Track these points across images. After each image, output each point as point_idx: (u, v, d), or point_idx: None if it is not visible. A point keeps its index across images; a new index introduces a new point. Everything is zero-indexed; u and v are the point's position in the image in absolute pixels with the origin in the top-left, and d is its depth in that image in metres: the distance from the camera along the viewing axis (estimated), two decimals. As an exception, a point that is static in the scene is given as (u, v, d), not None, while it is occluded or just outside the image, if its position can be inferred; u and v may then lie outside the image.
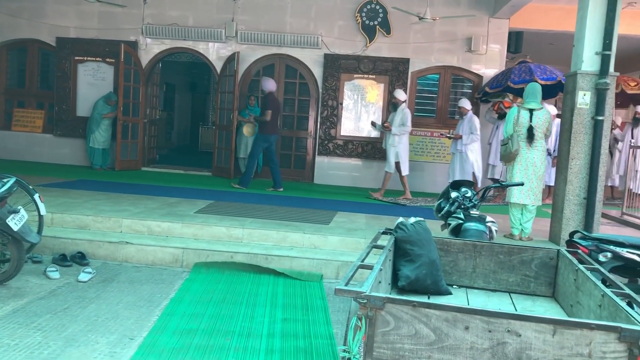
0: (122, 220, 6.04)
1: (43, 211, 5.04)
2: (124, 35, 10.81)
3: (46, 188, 7.41)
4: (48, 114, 11.36)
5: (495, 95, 9.67)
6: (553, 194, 6.51)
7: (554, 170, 8.65)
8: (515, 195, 6.16)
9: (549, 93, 9.26)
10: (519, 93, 9.12)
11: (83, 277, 4.87)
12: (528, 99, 6.16)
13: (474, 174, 8.89)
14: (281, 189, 9.09)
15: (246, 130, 9.51)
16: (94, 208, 6.42)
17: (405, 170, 8.97)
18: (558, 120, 7.76)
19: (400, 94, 8.92)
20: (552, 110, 8.89)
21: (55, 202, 6.52)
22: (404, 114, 8.76)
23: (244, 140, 10.51)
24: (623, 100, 10.47)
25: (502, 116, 9.44)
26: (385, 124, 9.04)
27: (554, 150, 8.36)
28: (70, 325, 3.85)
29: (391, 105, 9.31)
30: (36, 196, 4.96)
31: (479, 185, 8.84)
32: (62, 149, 11.19)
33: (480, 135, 8.94)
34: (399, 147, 8.84)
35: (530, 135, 6.04)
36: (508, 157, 6.10)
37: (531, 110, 6.08)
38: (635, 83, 9.43)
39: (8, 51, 11.46)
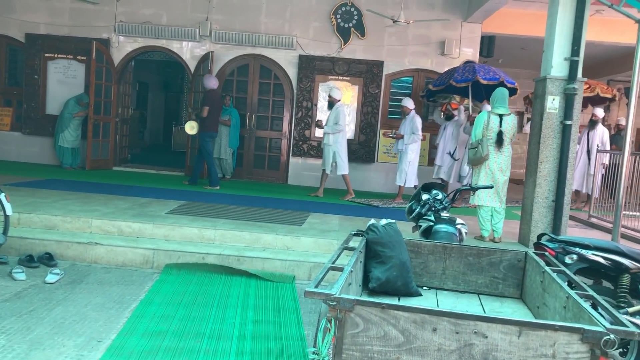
0: (91, 221, 5.94)
1: (9, 211, 4.94)
2: (96, 33, 10.65)
3: (13, 187, 7.26)
4: (16, 111, 11.11)
5: (442, 97, 9.78)
6: (523, 196, 6.61)
7: None
8: (483, 198, 6.26)
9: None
10: (462, 93, 9.24)
11: (50, 278, 4.78)
12: (497, 104, 6.24)
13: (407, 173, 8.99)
14: (194, 185, 9.19)
15: (189, 127, 9.36)
16: (63, 208, 6.30)
17: (343, 170, 8.99)
18: None
19: (336, 93, 8.96)
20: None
21: (22, 201, 6.39)
22: (338, 112, 8.79)
23: (218, 140, 10.43)
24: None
25: (449, 117, 9.53)
26: (318, 122, 9.14)
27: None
28: (36, 327, 3.78)
29: (327, 104, 9.37)
30: (2, 195, 4.86)
31: (410, 184, 8.97)
32: (30, 147, 10.96)
33: (421, 135, 9.00)
34: (335, 147, 8.86)
35: (500, 140, 6.14)
36: (477, 161, 6.18)
37: (500, 116, 6.18)
38: (587, 86, 9.55)
39: (-25, 47, 11.19)
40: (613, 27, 10.38)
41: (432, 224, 4.00)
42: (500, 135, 6.12)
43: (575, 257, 3.64)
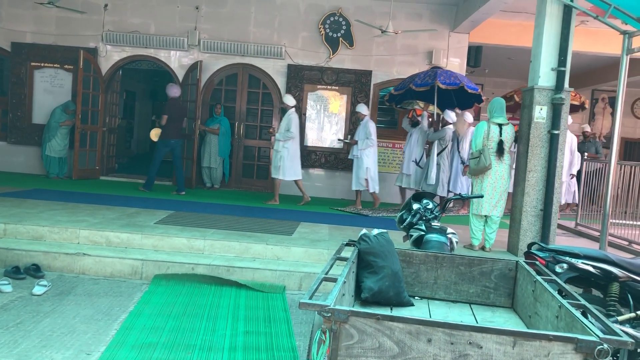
0: (79, 231, 5.88)
1: (-5, 222, 4.88)
2: (83, 42, 10.60)
3: (-1, 197, 7.18)
4: (2, 120, 11.01)
5: (407, 103, 9.78)
6: (511, 205, 6.66)
7: (464, 178, 8.96)
8: (485, 207, 6.29)
9: (465, 103, 9.50)
10: (426, 97, 9.25)
11: (37, 290, 4.71)
12: (496, 113, 6.30)
13: (367, 180, 9.05)
14: (183, 193, 9.29)
15: (153, 134, 9.56)
16: (50, 218, 6.23)
17: (289, 175, 8.99)
18: (472, 129, 8.26)
19: (289, 100, 9.02)
20: (469, 118, 9.13)
21: (8, 212, 6.31)
22: (290, 119, 8.83)
23: (208, 149, 10.41)
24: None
25: (415, 124, 9.47)
26: (270, 129, 9.32)
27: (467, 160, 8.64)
28: (23, 341, 3.72)
29: (280, 110, 9.50)
30: (-12, 206, 4.79)
31: (372, 189, 9.03)
32: (16, 157, 10.84)
33: (375, 140, 9.02)
34: (283, 152, 8.86)
35: (500, 150, 6.21)
36: (480, 170, 6.21)
37: (500, 125, 6.25)
38: None
39: (-40, 55, 11.09)
40: (597, 37, 10.53)
41: (423, 233, 4.01)
42: (500, 144, 6.20)
43: (565, 266, 3.67)
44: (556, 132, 6.10)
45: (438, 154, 9.22)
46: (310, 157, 10.74)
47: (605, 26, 6.26)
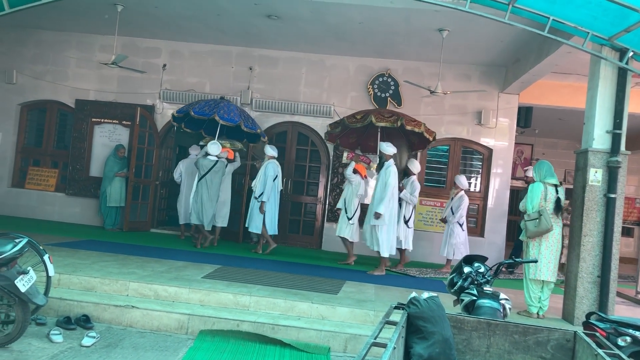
0: (129, 283, 5.98)
1: (52, 272, 5.02)
2: (141, 99, 11.11)
3: (55, 247, 7.41)
4: (62, 173, 11.53)
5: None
6: (566, 270, 6.41)
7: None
8: (543, 272, 6.09)
9: (252, 138, 9.86)
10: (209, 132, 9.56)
11: (86, 341, 4.78)
12: (548, 174, 6.21)
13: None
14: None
15: None
16: (102, 270, 6.38)
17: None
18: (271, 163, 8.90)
19: (268, 150, 9.20)
20: (270, 151, 9.19)
21: (62, 262, 6.50)
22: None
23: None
24: None
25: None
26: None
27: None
28: (71, 393, 3.74)
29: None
30: (46, 257, 4.96)
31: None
32: (73, 208, 11.26)
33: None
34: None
35: (558, 207, 6.12)
36: (540, 233, 6.04)
37: (555, 186, 6.18)
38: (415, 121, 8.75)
39: (29, 111, 11.76)
40: (654, 99, 10.29)
41: (474, 298, 3.88)
42: (558, 201, 6.10)
43: (628, 339, 3.47)
44: (613, 195, 5.92)
45: (198, 181, 9.06)
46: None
47: (661, 88, 6.14)
